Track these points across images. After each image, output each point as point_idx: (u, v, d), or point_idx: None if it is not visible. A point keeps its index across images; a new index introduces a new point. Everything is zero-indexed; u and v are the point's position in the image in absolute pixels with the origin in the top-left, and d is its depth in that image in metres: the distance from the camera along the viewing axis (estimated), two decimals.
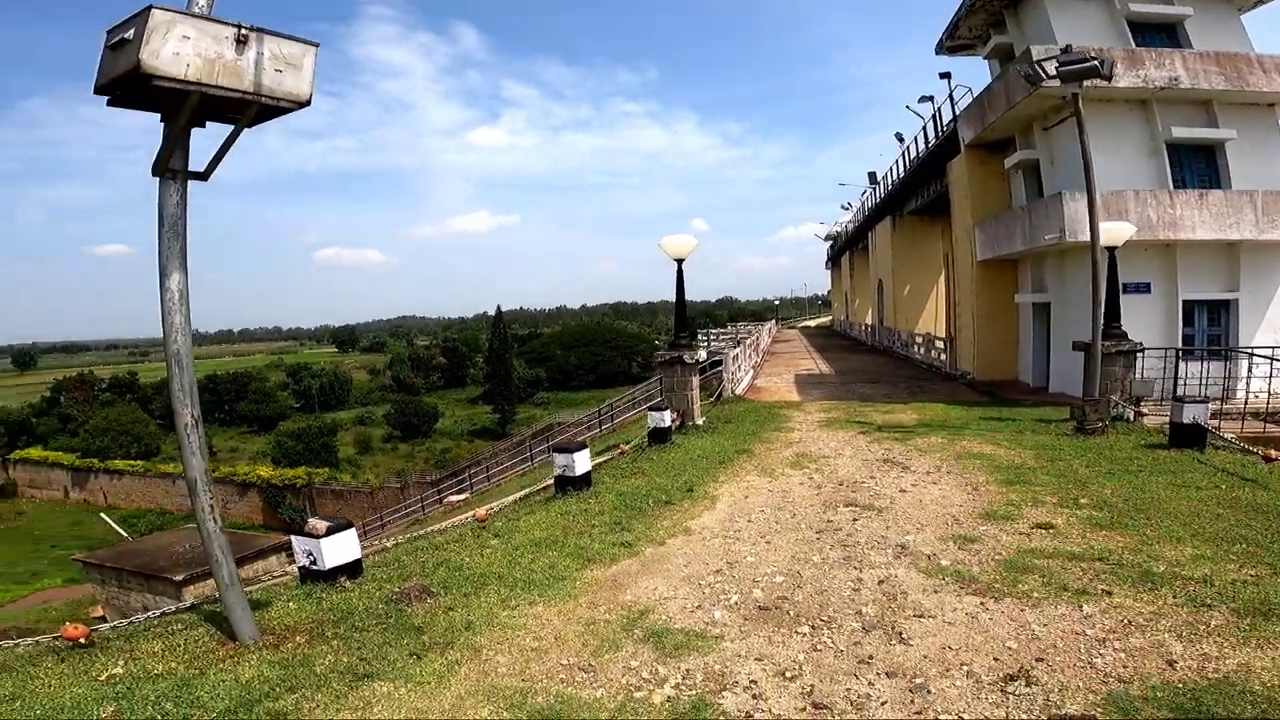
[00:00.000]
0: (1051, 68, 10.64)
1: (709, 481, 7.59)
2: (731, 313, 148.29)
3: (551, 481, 8.74)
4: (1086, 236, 13.58)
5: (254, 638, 3.68)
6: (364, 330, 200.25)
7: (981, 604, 4.24)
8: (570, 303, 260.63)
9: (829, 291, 69.73)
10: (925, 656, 3.67)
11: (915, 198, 27.51)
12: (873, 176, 34.41)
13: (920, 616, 4.12)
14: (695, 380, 11.86)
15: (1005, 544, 5.23)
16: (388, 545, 6.16)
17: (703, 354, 11.93)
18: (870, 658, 3.69)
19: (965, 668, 3.54)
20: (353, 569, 4.58)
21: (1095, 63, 9.49)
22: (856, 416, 12.56)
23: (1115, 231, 11.48)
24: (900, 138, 26.44)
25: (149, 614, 4.02)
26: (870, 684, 3.44)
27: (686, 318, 12.30)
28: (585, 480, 7.21)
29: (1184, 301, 14.11)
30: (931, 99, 21.50)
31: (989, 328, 18.44)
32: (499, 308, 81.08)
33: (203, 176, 3.43)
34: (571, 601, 4.49)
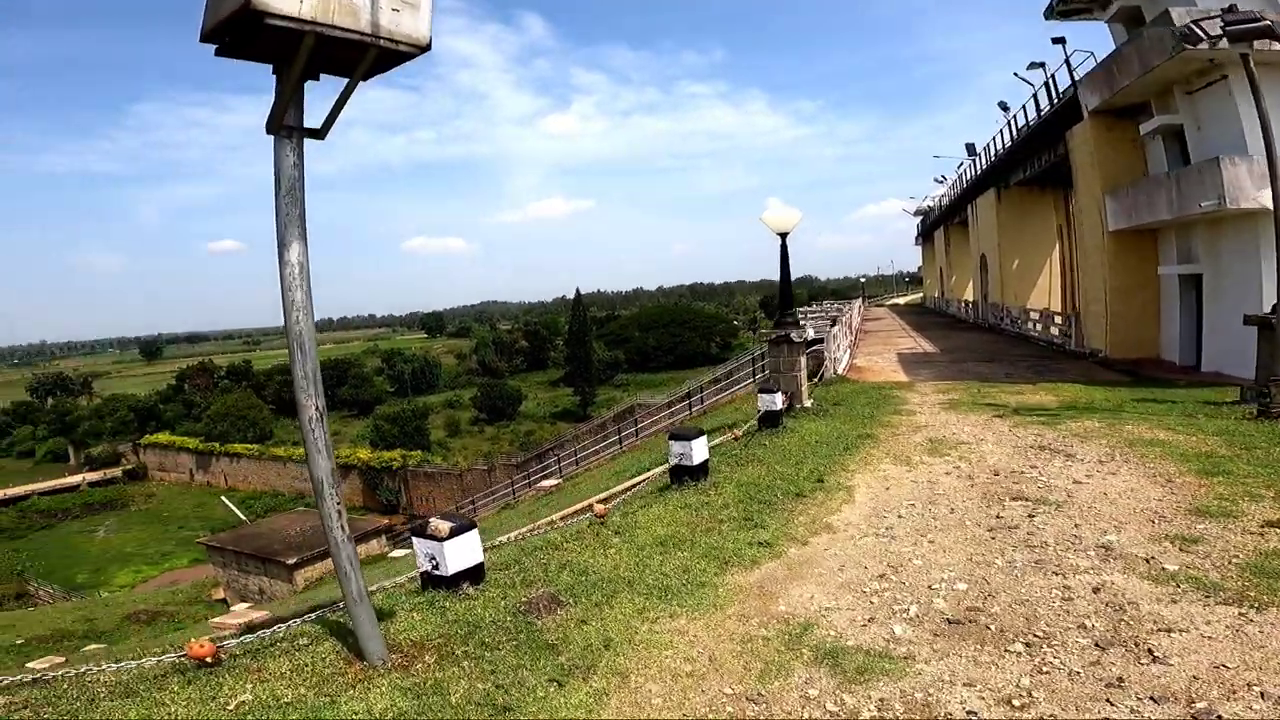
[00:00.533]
0: (1214, 28, 9.21)
1: (838, 470, 6.90)
2: (811, 291, 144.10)
3: (654, 471, 8.29)
4: (1249, 204, 12.01)
5: (382, 658, 3.34)
6: (450, 316, 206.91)
7: (1241, 615, 3.46)
8: (647, 284, 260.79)
9: (919, 268, 66.29)
10: (1195, 677, 2.97)
11: (1023, 168, 25.61)
12: (971, 148, 32.35)
13: (1168, 631, 3.37)
14: (804, 360, 11.10)
15: (1237, 545, 4.35)
16: (500, 542, 5.82)
17: (810, 331, 11.15)
18: (1121, 680, 3.00)
19: (1256, 688, 2.84)
20: (475, 574, 4.22)
21: (1268, 23, 8.09)
22: (983, 398, 11.49)
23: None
24: (1005, 106, 24.72)
25: (274, 628, 3.75)
26: (1134, 711, 2.77)
27: (791, 294, 11.50)
28: (703, 470, 6.67)
29: None
30: (1043, 65, 19.80)
31: (1124, 302, 16.71)
32: (578, 291, 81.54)
33: (319, 134, 3.05)
34: (717, 613, 3.97)
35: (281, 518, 27.84)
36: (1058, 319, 21.09)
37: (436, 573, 4.12)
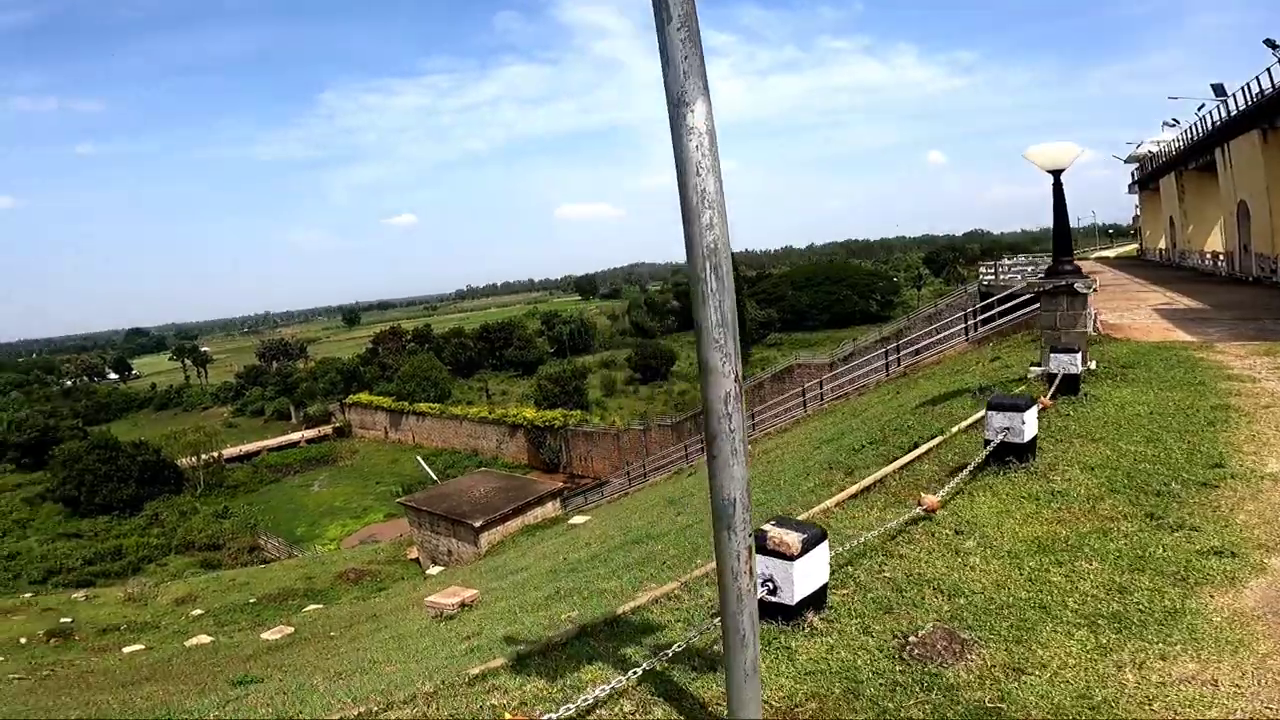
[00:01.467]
0: None
1: (1235, 453, 5.04)
2: (984, 245, 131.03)
3: (924, 448, 6.80)
4: None
5: None
6: (601, 278, 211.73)
7: None
8: (797, 243, 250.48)
9: (1135, 218, 57.16)
10: None
11: None
12: (1220, 89, 27.38)
13: None
14: (1089, 315, 8.95)
15: None
16: None
17: (1097, 281, 8.96)
18: None
19: None
20: (819, 598, 3.08)
21: None
22: None
23: None
24: (1273, 44, 19.86)
25: (595, 691, 2.79)
26: None
27: (1070, 239, 9.30)
28: (1032, 449, 5.11)
29: None
30: None
31: None
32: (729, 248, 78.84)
33: None
34: (1245, 653, 2.55)
35: (466, 479, 29.10)
36: None
37: (775, 599, 2.99)
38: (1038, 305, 17.06)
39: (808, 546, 2.91)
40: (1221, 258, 30.11)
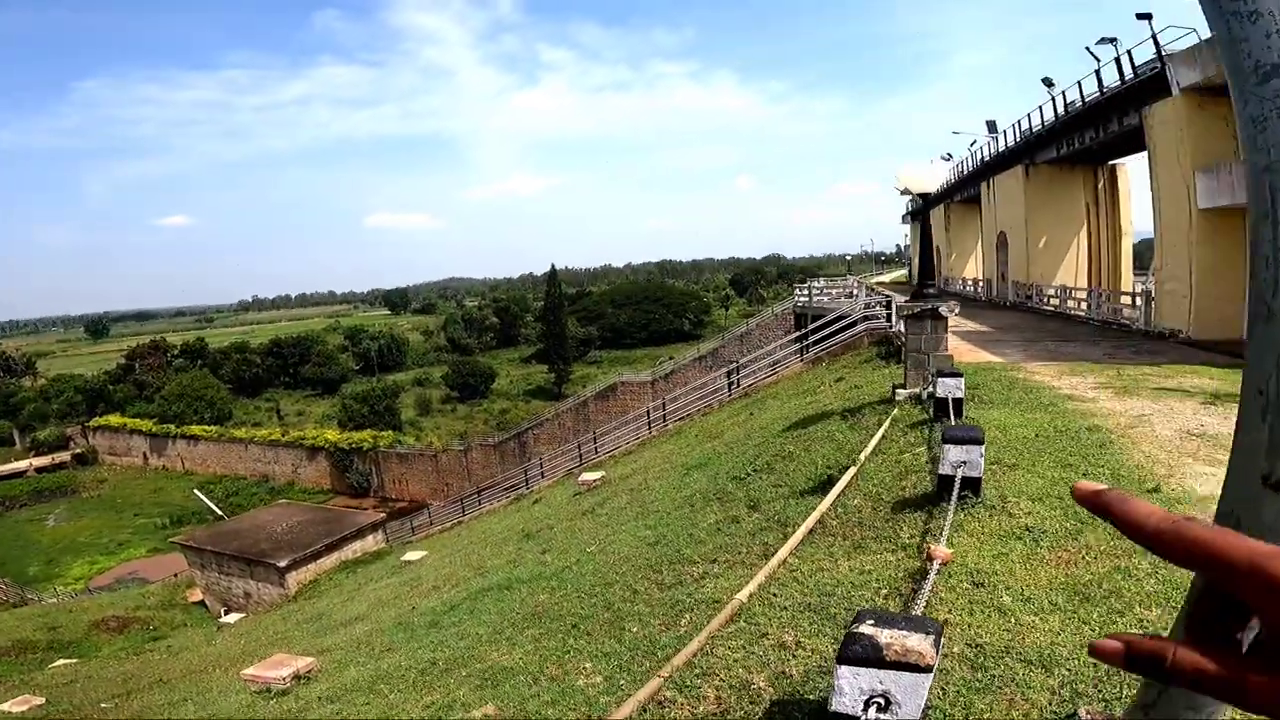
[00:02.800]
0: None
1: (1152, 477, 5.25)
2: (780, 269, 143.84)
3: (844, 481, 6.56)
4: None
5: None
6: (414, 292, 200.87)
7: None
8: (616, 261, 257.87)
9: (906, 246, 65.63)
10: None
11: (1056, 145, 25.02)
12: (992, 125, 32.00)
13: None
14: (947, 338, 9.45)
15: None
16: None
17: (956, 305, 9.51)
18: None
19: None
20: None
21: None
22: (1134, 384, 10.01)
23: None
24: (1050, 82, 23.82)
25: None
26: None
27: (932, 263, 9.80)
28: (979, 484, 4.94)
29: None
30: (1114, 41, 18.75)
31: (1213, 282, 15.65)
32: (553, 266, 78.94)
33: None
34: None
35: (264, 512, 25.23)
36: (1125, 298, 20.00)
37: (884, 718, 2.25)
38: (861, 327, 18.59)
39: (938, 647, 2.24)
40: (981, 284, 34.94)
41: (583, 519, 11.79)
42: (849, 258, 68.12)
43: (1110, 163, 26.28)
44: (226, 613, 18.98)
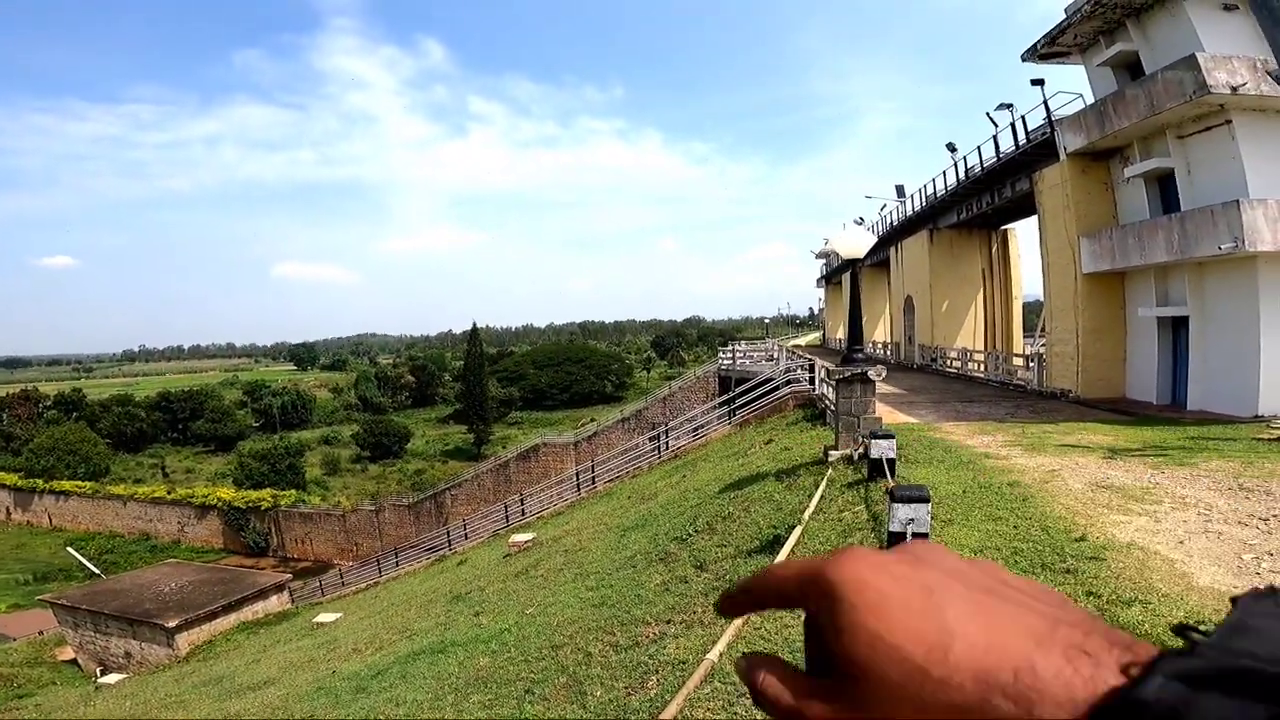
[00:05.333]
0: None
1: (1076, 527, 5.67)
2: (700, 332, 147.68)
3: (791, 540, 6.73)
4: (1266, 245, 12.43)
5: None
6: (323, 347, 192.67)
7: None
8: (538, 321, 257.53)
9: (820, 310, 68.87)
10: None
11: (958, 210, 26.56)
12: (900, 190, 33.46)
13: None
14: (875, 402, 9.97)
15: None
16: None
17: (884, 370, 10.07)
18: None
19: None
20: None
21: None
22: (1039, 441, 10.84)
23: None
24: (953, 148, 25.32)
25: None
26: None
27: (861, 328, 10.40)
28: (927, 540, 5.21)
29: None
30: (1010, 106, 20.31)
31: (1098, 343, 17.17)
32: (474, 324, 77.79)
33: None
34: None
35: (148, 572, 23.17)
36: (1018, 360, 21.61)
37: None
38: (785, 390, 19.25)
39: None
40: (889, 347, 36.91)
41: (516, 580, 11.45)
42: (767, 321, 70.89)
43: (1003, 227, 28.13)
44: (104, 673, 17.48)
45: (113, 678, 16.45)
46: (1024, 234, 28.94)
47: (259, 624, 18.66)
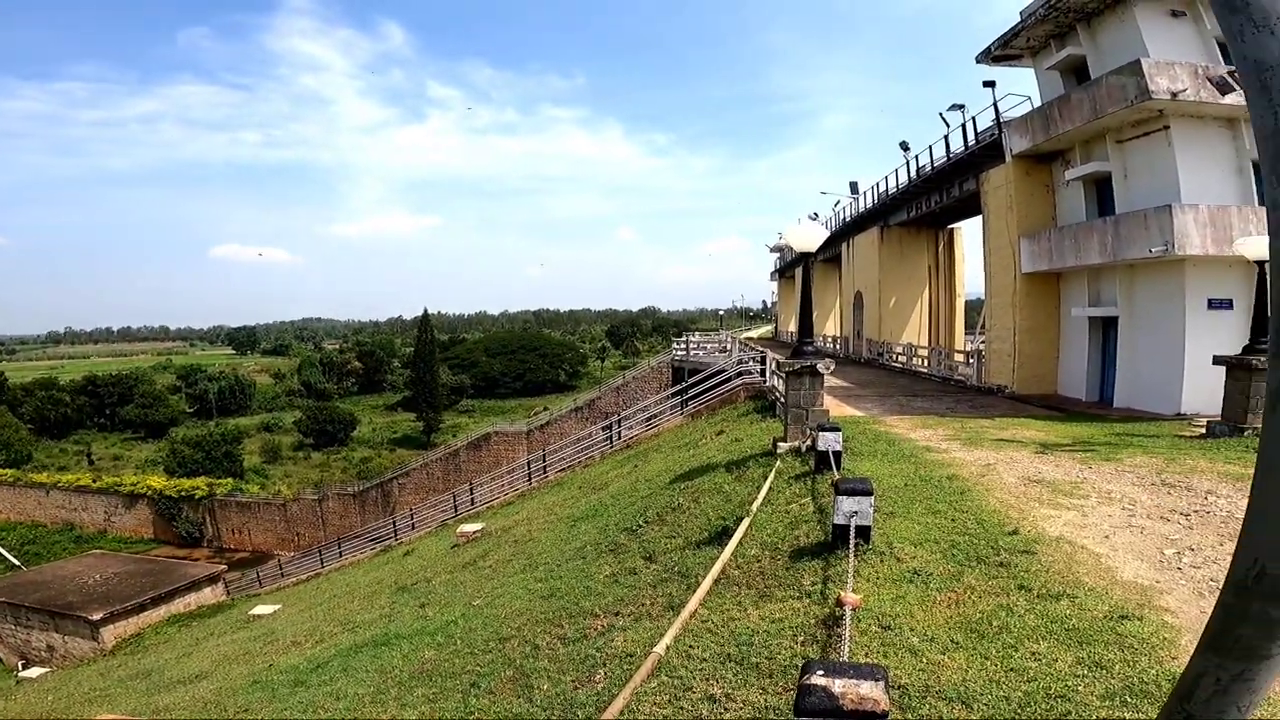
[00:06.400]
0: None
1: (1009, 520, 5.87)
2: (655, 322, 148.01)
3: (738, 537, 6.80)
4: (1195, 249, 13.09)
5: None
6: (265, 332, 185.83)
7: None
8: (491, 308, 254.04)
9: (773, 303, 69.86)
10: None
11: (909, 208, 27.13)
12: (854, 187, 33.97)
13: None
14: (823, 395, 10.14)
15: None
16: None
17: (832, 363, 10.24)
18: None
19: None
20: None
21: None
22: (977, 436, 11.20)
23: (1258, 245, 10.69)
24: (905, 146, 25.83)
25: None
26: None
27: (812, 321, 10.52)
28: (869, 532, 5.31)
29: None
30: (962, 107, 20.86)
31: (1033, 341, 17.84)
32: (425, 310, 76.26)
33: None
34: None
35: (72, 562, 22.16)
36: (959, 355, 22.31)
37: None
38: (737, 382, 19.44)
39: (887, 693, 2.37)
40: (839, 341, 37.64)
41: (464, 571, 11.30)
42: (721, 313, 71.57)
43: (950, 226, 28.84)
44: (25, 666, 16.84)
45: (35, 671, 15.81)
46: (969, 233, 29.75)
47: (191, 617, 18.07)
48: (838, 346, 37.00)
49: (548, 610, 6.75)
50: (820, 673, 2.37)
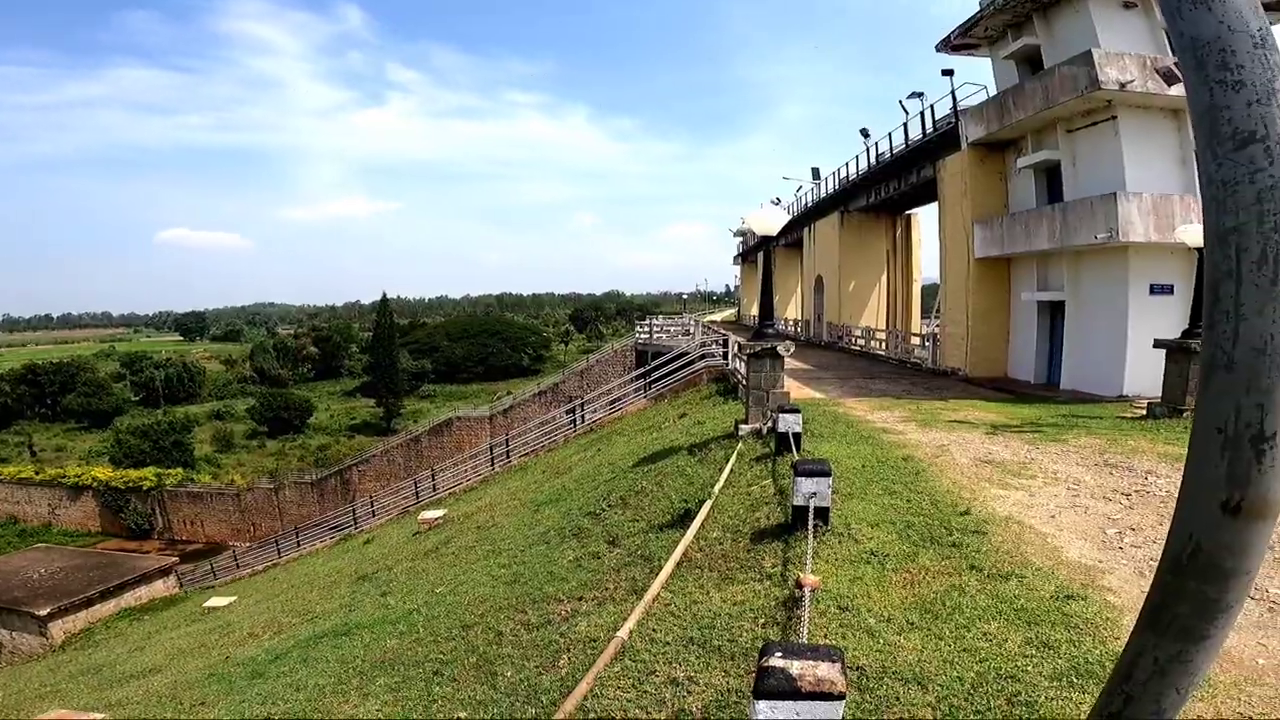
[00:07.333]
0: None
1: (962, 500, 6.05)
2: (619, 306, 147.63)
3: (700, 517, 6.89)
4: (1138, 237, 13.55)
5: None
6: (215, 317, 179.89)
7: None
8: (452, 292, 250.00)
9: (736, 287, 70.25)
10: None
11: (868, 194, 27.51)
12: (816, 172, 34.33)
13: None
14: (784, 377, 10.27)
15: None
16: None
17: (792, 345, 10.36)
18: None
19: None
20: None
21: None
22: (931, 417, 11.48)
23: (1198, 233, 11.13)
24: (866, 133, 26.21)
25: None
26: None
27: (772, 304, 10.62)
28: (828, 513, 5.41)
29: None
30: (921, 95, 21.22)
31: (985, 325, 18.32)
32: (384, 294, 74.72)
33: None
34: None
35: (16, 557, 21.40)
36: (915, 339, 22.80)
37: None
38: (700, 364, 19.57)
39: (845, 674, 2.42)
40: (800, 324, 38.12)
41: (426, 559, 11.21)
42: (684, 296, 71.67)
43: (907, 213, 29.36)
44: None
45: None
46: (926, 219, 30.36)
47: (143, 610, 17.64)
48: (799, 330, 37.47)
49: (511, 596, 6.73)
50: (779, 655, 2.41)
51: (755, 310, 52.49)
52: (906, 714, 2.90)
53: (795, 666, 2.33)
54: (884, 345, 24.42)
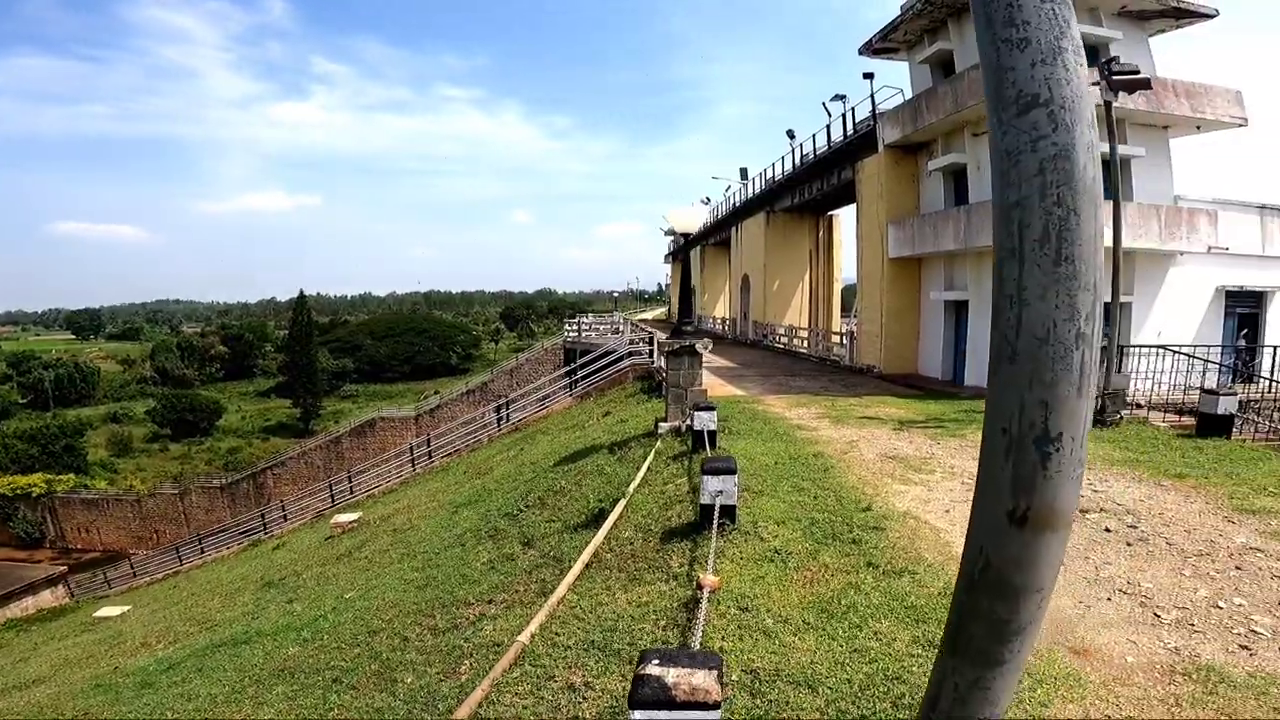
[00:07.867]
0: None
1: (865, 497, 6.25)
2: (551, 304, 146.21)
3: (612, 519, 6.90)
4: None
5: None
6: (111, 315, 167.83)
7: None
8: (377, 290, 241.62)
9: (666, 285, 70.69)
10: None
11: (793, 194, 28.09)
12: (744, 172, 34.71)
13: None
14: (703, 374, 10.39)
15: None
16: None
17: (710, 343, 10.48)
18: None
19: None
20: None
21: (1148, 78, 9.67)
22: (847, 413, 11.88)
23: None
24: (791, 135, 26.77)
25: None
26: None
27: (691, 302, 10.71)
28: (734, 511, 5.49)
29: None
30: (844, 98, 21.79)
31: (897, 323, 19.06)
32: (301, 291, 71.48)
33: None
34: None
35: None
36: (835, 337, 23.51)
37: None
38: (626, 362, 19.59)
39: (721, 682, 2.43)
40: (728, 323, 38.67)
41: (338, 564, 10.80)
42: (616, 295, 71.57)
43: (829, 213, 30.18)
44: None
45: None
46: (847, 220, 31.19)
47: (30, 621, 16.57)
48: (726, 328, 37.94)
49: (421, 601, 6.56)
50: (655, 662, 2.40)
51: None
52: (796, 718, 2.96)
53: (671, 675, 2.33)
54: (806, 343, 25.08)
